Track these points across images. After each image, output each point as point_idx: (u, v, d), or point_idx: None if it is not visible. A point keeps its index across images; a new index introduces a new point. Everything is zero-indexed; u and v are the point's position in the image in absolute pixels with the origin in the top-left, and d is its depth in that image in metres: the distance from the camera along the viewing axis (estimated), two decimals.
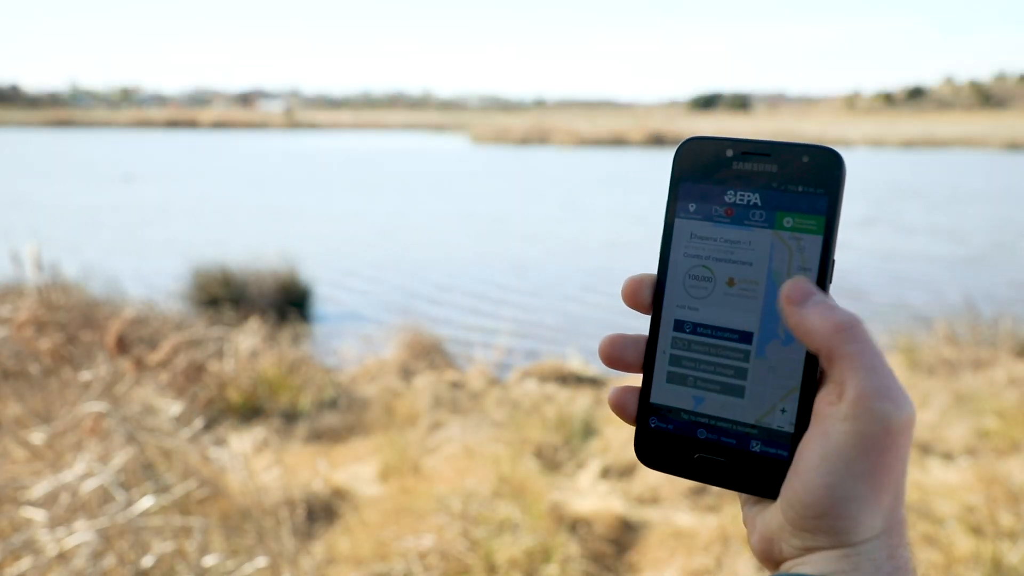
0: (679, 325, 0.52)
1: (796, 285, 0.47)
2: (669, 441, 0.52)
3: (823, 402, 0.46)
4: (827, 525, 0.43)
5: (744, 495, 0.51)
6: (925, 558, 2.93)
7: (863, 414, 0.43)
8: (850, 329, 0.44)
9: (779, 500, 0.46)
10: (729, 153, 0.51)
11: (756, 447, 0.49)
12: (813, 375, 0.48)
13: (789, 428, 0.48)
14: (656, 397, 0.52)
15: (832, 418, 0.44)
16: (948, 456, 4.02)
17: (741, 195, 0.51)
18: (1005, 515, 3.16)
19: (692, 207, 0.52)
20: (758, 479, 0.49)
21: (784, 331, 0.49)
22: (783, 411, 0.49)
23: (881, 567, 0.43)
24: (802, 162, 0.49)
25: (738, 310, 0.50)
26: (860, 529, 0.43)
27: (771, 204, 0.50)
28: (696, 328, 0.52)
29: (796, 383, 0.48)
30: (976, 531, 3.08)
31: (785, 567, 0.46)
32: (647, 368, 0.53)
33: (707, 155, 0.52)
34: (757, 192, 0.50)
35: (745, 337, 0.50)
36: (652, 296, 0.53)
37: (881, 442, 0.43)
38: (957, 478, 3.67)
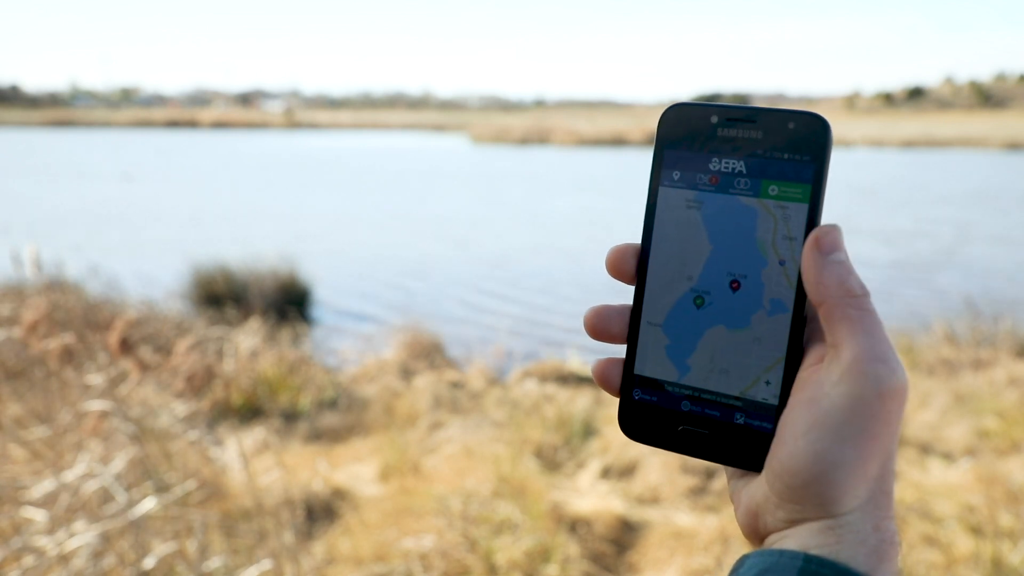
0: None
1: (829, 235, 0.46)
2: (653, 413, 0.51)
3: (809, 370, 0.46)
4: (813, 494, 0.43)
5: (730, 469, 0.50)
6: (925, 558, 2.93)
7: (858, 376, 0.42)
8: (861, 297, 0.44)
9: (764, 471, 0.46)
10: (714, 120, 0.50)
11: (740, 419, 0.49)
12: (798, 346, 0.48)
13: (773, 400, 0.48)
14: (640, 368, 0.52)
15: (822, 383, 0.44)
16: (948, 456, 4.02)
17: (726, 163, 0.49)
18: (1005, 515, 3.16)
19: (676, 175, 0.51)
20: (742, 451, 0.48)
21: (769, 301, 0.48)
22: (767, 383, 0.48)
23: (866, 539, 0.42)
24: (788, 129, 0.48)
25: None
26: (845, 498, 0.43)
27: (756, 172, 0.49)
28: None
29: (781, 354, 0.48)
30: (976, 531, 3.08)
31: (768, 541, 0.45)
32: (631, 339, 0.52)
33: (691, 122, 0.51)
34: (742, 160, 0.49)
35: None
36: (636, 266, 0.52)
37: (872, 406, 0.42)
38: (957, 478, 3.67)
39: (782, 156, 0.48)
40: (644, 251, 0.52)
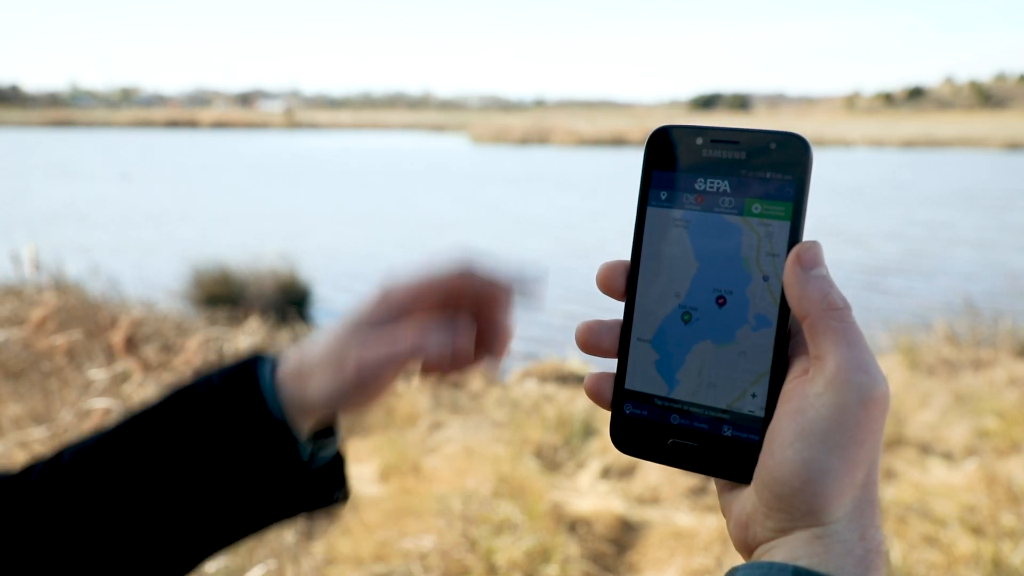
0: None
1: (810, 250, 0.47)
2: (644, 427, 0.52)
3: (794, 382, 0.47)
4: (801, 502, 0.44)
5: (720, 482, 0.51)
6: (925, 558, 2.93)
7: (841, 386, 0.44)
8: (843, 309, 0.46)
9: (753, 482, 0.47)
10: (699, 141, 0.52)
11: (728, 431, 0.50)
12: (783, 360, 0.49)
13: (760, 412, 0.49)
14: (631, 383, 0.53)
15: (807, 395, 0.45)
16: (948, 456, 4.03)
17: (711, 182, 0.51)
18: (1006, 515, 3.16)
19: (663, 195, 0.52)
20: (730, 463, 0.49)
21: (754, 316, 0.49)
22: (753, 396, 0.49)
23: (852, 549, 0.43)
24: (770, 149, 0.50)
25: None
26: (832, 506, 0.43)
27: (740, 191, 0.50)
28: None
29: (766, 368, 0.49)
30: (977, 531, 3.08)
31: (758, 552, 0.46)
32: (621, 355, 0.53)
33: (677, 144, 0.52)
34: (726, 179, 0.51)
35: None
36: (626, 283, 0.53)
37: (857, 414, 0.43)
38: (957, 478, 3.67)
39: (764, 175, 0.50)
40: (633, 268, 0.53)
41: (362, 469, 4.02)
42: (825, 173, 24.34)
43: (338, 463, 0.66)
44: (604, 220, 14.78)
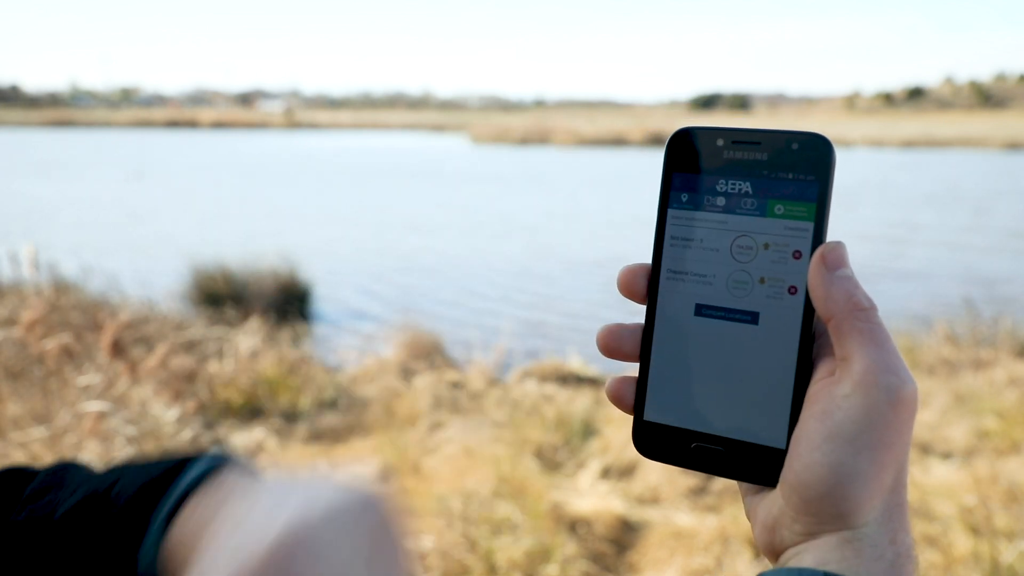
0: None
1: (835, 251, 0.47)
2: (667, 431, 0.52)
3: (819, 384, 0.46)
4: (830, 506, 0.43)
5: (745, 486, 0.51)
6: (925, 558, 2.93)
7: (869, 387, 0.43)
8: (869, 310, 0.45)
9: (779, 486, 0.46)
10: (720, 142, 0.51)
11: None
12: (808, 361, 0.48)
13: (785, 415, 0.48)
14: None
15: (834, 396, 0.44)
16: (948, 456, 4.03)
17: (732, 184, 0.51)
18: (1005, 515, 3.16)
19: (684, 197, 0.52)
20: (755, 467, 0.49)
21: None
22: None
23: (883, 554, 0.42)
24: (792, 149, 0.49)
25: None
26: (862, 510, 0.43)
27: (762, 192, 0.50)
28: None
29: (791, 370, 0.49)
30: (975, 531, 3.08)
31: (785, 556, 0.45)
32: (643, 358, 0.52)
33: (698, 145, 0.52)
34: (748, 180, 0.50)
35: None
36: (647, 286, 0.52)
37: (886, 415, 0.43)
38: (957, 478, 3.67)
39: (787, 176, 0.49)
40: (655, 271, 0.52)
41: (362, 470, 4.02)
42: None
43: None
44: (603, 220, 14.79)
